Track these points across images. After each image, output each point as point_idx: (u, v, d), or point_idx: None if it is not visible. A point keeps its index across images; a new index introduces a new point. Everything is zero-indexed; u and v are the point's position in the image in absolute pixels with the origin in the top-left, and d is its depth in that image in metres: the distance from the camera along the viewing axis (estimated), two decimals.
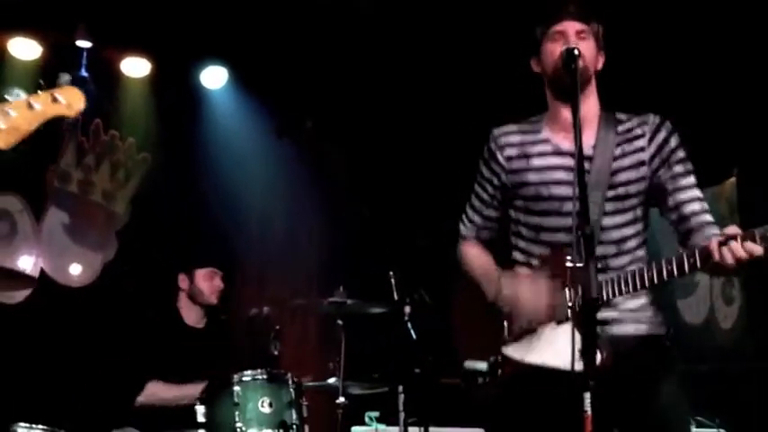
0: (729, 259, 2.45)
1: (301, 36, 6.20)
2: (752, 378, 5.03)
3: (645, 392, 2.72)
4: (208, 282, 4.84)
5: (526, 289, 2.81)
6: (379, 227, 5.10)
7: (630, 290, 2.63)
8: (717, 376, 5.25)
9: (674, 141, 2.85)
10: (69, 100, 2.81)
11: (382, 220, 5.22)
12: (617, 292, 2.64)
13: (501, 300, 2.87)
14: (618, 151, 2.84)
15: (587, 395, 2.21)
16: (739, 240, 2.44)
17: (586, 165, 2.71)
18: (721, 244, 2.46)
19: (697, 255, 2.50)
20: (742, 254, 2.43)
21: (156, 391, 4.52)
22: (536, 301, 2.77)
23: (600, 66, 2.93)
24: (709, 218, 2.79)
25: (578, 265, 2.29)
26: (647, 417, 2.71)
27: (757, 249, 2.43)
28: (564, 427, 2.48)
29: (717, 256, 2.46)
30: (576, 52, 2.67)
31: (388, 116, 6.62)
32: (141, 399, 4.52)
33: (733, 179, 5.35)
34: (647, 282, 2.59)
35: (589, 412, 2.20)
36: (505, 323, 2.87)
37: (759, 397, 4.92)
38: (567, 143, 2.86)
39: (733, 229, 2.49)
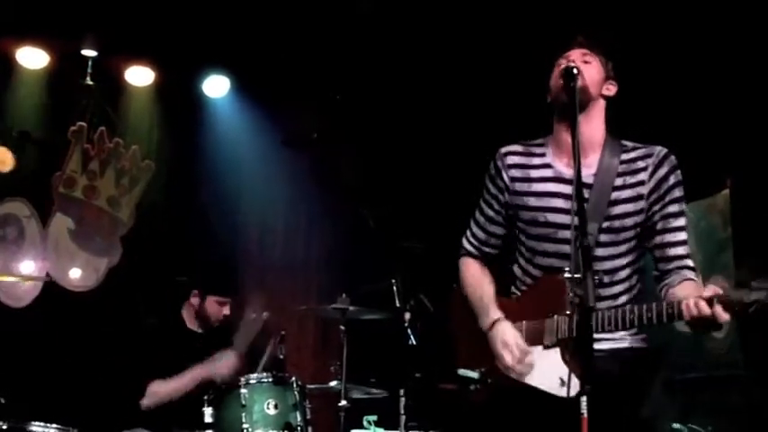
0: (695, 316, 2.51)
1: (301, 45, 6.30)
2: (743, 386, 5.06)
3: (625, 402, 2.75)
4: (216, 308, 4.89)
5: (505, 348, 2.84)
6: (382, 234, 5.18)
7: (613, 329, 2.68)
8: (709, 384, 5.28)
9: (673, 179, 2.85)
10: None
11: (385, 226, 5.28)
12: (599, 328, 2.67)
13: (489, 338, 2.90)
14: (618, 181, 2.84)
15: (584, 399, 2.30)
16: (715, 302, 2.49)
17: (585, 193, 2.73)
18: (695, 304, 2.52)
19: (675, 308, 2.56)
20: (706, 313, 2.49)
21: (157, 390, 4.55)
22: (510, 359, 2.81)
23: (610, 93, 2.92)
24: (689, 262, 2.84)
25: (576, 276, 2.35)
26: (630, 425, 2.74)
27: (724, 316, 2.49)
28: None
29: (686, 314, 2.53)
30: (574, 71, 2.71)
31: (391, 123, 6.68)
32: (146, 401, 4.57)
33: (726, 191, 5.33)
34: (627, 324, 2.65)
35: (585, 415, 2.28)
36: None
37: (750, 404, 4.97)
38: (568, 170, 2.87)
39: (711, 290, 2.53)
